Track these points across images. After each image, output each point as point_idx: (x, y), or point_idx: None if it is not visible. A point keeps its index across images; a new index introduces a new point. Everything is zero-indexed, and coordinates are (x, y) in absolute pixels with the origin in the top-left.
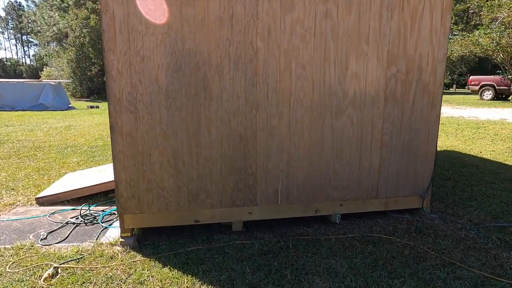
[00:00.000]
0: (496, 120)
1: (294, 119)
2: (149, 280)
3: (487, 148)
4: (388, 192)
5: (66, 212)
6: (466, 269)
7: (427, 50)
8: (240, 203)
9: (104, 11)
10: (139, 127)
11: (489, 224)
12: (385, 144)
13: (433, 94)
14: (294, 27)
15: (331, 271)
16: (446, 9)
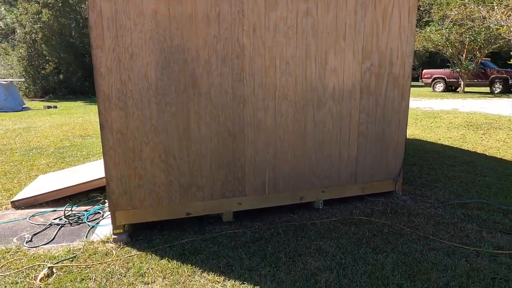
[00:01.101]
0: (449, 110)
1: (279, 113)
2: (149, 272)
3: (444, 135)
4: (365, 177)
5: (46, 214)
6: (438, 241)
7: (397, 46)
8: (230, 194)
9: (91, 7)
10: (129, 124)
11: (453, 202)
12: (361, 134)
13: (402, 86)
14: (278, 24)
15: (321, 251)
16: (412, 9)
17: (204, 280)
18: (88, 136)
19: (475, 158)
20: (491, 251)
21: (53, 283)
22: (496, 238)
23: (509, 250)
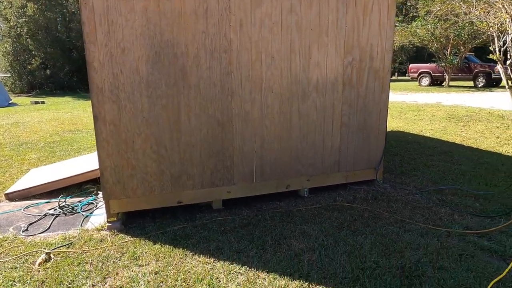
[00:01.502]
0: (432, 103)
1: (266, 105)
2: (143, 255)
3: (426, 127)
4: (348, 166)
5: (41, 205)
6: (413, 224)
7: (377, 41)
8: (219, 183)
9: (84, 4)
10: (122, 116)
11: (430, 188)
12: (344, 124)
13: (382, 79)
14: (263, 20)
15: (305, 235)
16: (391, 6)
17: (195, 262)
18: (78, 131)
19: (453, 148)
20: (461, 231)
21: (52, 267)
22: (466, 220)
23: (477, 230)
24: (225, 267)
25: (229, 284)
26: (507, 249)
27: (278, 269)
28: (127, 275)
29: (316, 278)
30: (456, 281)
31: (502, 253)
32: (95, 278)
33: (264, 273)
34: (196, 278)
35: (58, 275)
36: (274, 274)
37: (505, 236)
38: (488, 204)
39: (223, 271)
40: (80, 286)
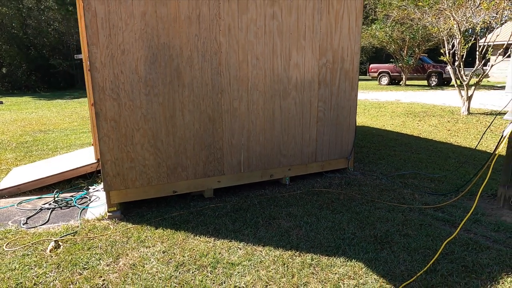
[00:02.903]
0: (392, 101)
1: (252, 101)
2: (148, 239)
3: (387, 122)
4: (324, 157)
5: (33, 201)
6: (382, 203)
7: (347, 45)
8: (210, 173)
9: (87, 8)
10: (122, 113)
11: (393, 174)
12: (320, 119)
13: (352, 78)
14: (249, 25)
15: (291, 215)
16: (358, 13)
17: (197, 242)
18: (49, 131)
19: (411, 140)
20: (420, 207)
21: (63, 252)
22: (424, 198)
23: (433, 205)
24: (225, 244)
25: (231, 257)
26: (456, 219)
27: (272, 243)
28: (137, 255)
29: (305, 247)
30: (418, 244)
31: (452, 221)
32: (108, 259)
33: (260, 246)
34: (201, 254)
35: (72, 258)
36: (269, 247)
37: (454, 209)
38: (441, 185)
39: (223, 247)
40: (95, 266)
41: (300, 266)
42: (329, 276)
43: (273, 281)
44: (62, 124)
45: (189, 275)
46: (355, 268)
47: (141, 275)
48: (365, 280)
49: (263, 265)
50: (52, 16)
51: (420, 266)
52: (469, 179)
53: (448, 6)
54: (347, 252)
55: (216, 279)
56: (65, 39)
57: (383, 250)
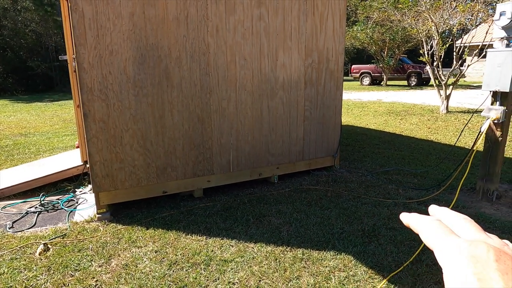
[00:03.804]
0: (374, 100)
1: (240, 101)
2: (139, 239)
3: (370, 121)
4: (311, 155)
5: (18, 205)
6: (368, 198)
7: (332, 45)
8: (200, 173)
9: (74, 9)
10: (110, 113)
11: (378, 170)
12: (306, 118)
13: (337, 78)
14: (237, 26)
15: (281, 212)
16: (342, 15)
17: (189, 240)
18: (30, 134)
19: (394, 138)
20: (405, 201)
21: (53, 255)
22: (408, 193)
23: (417, 199)
24: (217, 242)
25: (224, 254)
26: None
27: (263, 239)
28: (129, 255)
29: (296, 243)
30: (403, 237)
31: None
32: (100, 260)
33: (252, 243)
34: (194, 252)
35: (62, 261)
36: (261, 243)
37: (437, 202)
38: (423, 180)
39: (216, 245)
40: (86, 268)
41: (292, 260)
42: (320, 269)
43: (266, 276)
44: (43, 127)
45: (183, 273)
46: (344, 261)
47: (134, 275)
48: (354, 272)
49: (256, 261)
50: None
51: (406, 257)
52: (449, 174)
53: (426, 8)
54: (337, 246)
55: (210, 276)
56: (44, 41)
57: (371, 243)
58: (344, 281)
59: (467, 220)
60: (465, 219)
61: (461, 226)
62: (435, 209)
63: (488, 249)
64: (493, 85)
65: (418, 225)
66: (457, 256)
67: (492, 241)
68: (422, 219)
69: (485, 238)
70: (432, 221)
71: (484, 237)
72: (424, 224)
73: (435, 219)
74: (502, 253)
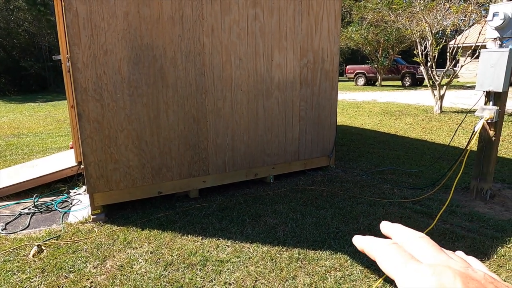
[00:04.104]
0: (369, 101)
1: (235, 101)
2: (135, 240)
3: (365, 121)
4: (306, 155)
5: (11, 206)
6: (363, 198)
7: (327, 46)
8: (195, 173)
9: (68, 8)
10: (105, 114)
11: (373, 170)
12: (302, 118)
13: (332, 78)
14: (232, 26)
15: (277, 212)
16: (337, 15)
17: (184, 241)
18: (23, 135)
19: (389, 138)
20: (400, 200)
21: (47, 257)
22: (403, 192)
23: (412, 199)
24: (213, 242)
25: (220, 255)
26: (433, 211)
27: (259, 239)
28: (124, 257)
29: (292, 243)
30: None
31: (430, 213)
32: (94, 262)
33: (248, 243)
34: (190, 253)
35: (56, 262)
36: (257, 244)
37: (431, 202)
38: (418, 179)
39: (212, 245)
40: (81, 269)
41: (288, 260)
42: (316, 269)
43: (262, 276)
44: (37, 128)
45: (179, 273)
46: (340, 260)
47: (129, 276)
48: (350, 271)
49: (252, 261)
50: (22, 17)
51: None
52: (444, 173)
53: (420, 9)
54: (333, 245)
55: (206, 276)
56: (37, 40)
57: None
58: (340, 280)
59: (424, 239)
60: (421, 238)
61: (419, 246)
62: (387, 226)
63: (454, 276)
64: (487, 85)
65: (373, 251)
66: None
67: (455, 263)
68: (377, 244)
69: (447, 260)
70: (388, 246)
71: (445, 258)
72: (380, 250)
73: (390, 243)
74: (469, 279)
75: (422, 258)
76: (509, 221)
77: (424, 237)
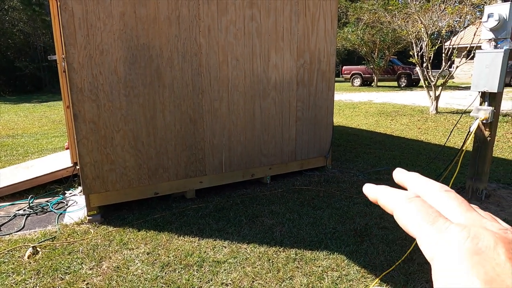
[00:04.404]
0: (365, 101)
1: (232, 102)
2: (131, 241)
3: (362, 122)
4: (303, 155)
5: (5, 208)
6: (359, 198)
7: (324, 46)
8: (192, 174)
9: (64, 8)
10: (101, 114)
11: (369, 171)
12: (299, 118)
13: (329, 79)
14: (229, 26)
15: (274, 213)
16: (334, 16)
17: (181, 242)
18: (18, 136)
19: (385, 138)
20: None
21: (42, 258)
22: None
23: None
24: (210, 243)
25: (217, 255)
26: None
27: (256, 240)
28: (120, 258)
29: (289, 243)
30: (395, 236)
31: None
32: (90, 263)
33: (245, 244)
34: (186, 254)
35: (52, 264)
36: (254, 244)
37: None
38: None
39: (208, 246)
40: (77, 271)
41: (285, 261)
42: (313, 269)
43: (259, 276)
44: (32, 129)
45: (176, 274)
46: (337, 261)
47: (126, 277)
48: (347, 271)
49: (249, 261)
50: (17, 17)
51: (398, 256)
52: (439, 173)
53: (416, 10)
54: (329, 246)
55: (203, 277)
56: (32, 41)
57: (363, 242)
58: (337, 280)
59: (450, 194)
60: (447, 192)
61: (444, 201)
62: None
63: (495, 241)
64: (482, 86)
65: (390, 203)
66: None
67: (491, 224)
68: (395, 196)
69: (480, 220)
70: (409, 199)
71: (478, 218)
72: (399, 203)
73: (412, 196)
74: None
75: (450, 215)
76: (505, 221)
77: (450, 191)
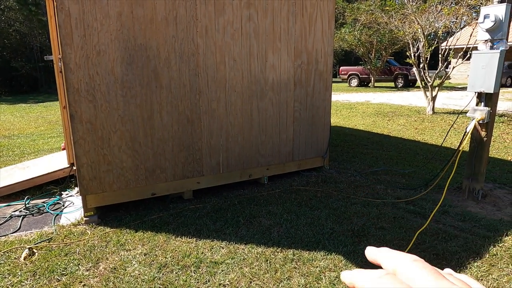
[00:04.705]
0: (362, 102)
1: (230, 102)
2: (128, 242)
3: (359, 122)
4: (300, 155)
5: (1, 209)
6: (357, 198)
7: (321, 47)
8: (189, 175)
9: (60, 8)
10: (98, 115)
11: (367, 171)
12: (296, 119)
13: (326, 79)
14: (226, 27)
15: (271, 213)
16: (331, 17)
17: (178, 243)
18: (14, 136)
19: (382, 138)
20: (393, 201)
21: (38, 259)
22: (396, 192)
23: (405, 199)
24: (207, 243)
25: (214, 256)
26: (426, 211)
27: (253, 241)
28: (117, 259)
29: (286, 244)
30: (392, 236)
31: (423, 213)
32: (87, 264)
33: (242, 245)
34: (184, 254)
35: (48, 265)
36: (251, 245)
37: (424, 202)
38: (411, 180)
39: (206, 247)
40: (73, 272)
41: (283, 261)
42: (311, 270)
43: (257, 277)
44: (28, 129)
45: (173, 275)
46: (335, 261)
47: (123, 278)
48: None
49: (246, 262)
50: (13, 17)
51: None
52: (436, 173)
53: (413, 11)
54: (327, 246)
55: (201, 278)
56: (28, 41)
57: (361, 242)
58: (334, 281)
59: (419, 263)
60: (416, 262)
61: (415, 272)
62: (374, 252)
63: None
64: (478, 86)
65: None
66: None
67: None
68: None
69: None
70: (380, 279)
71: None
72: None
73: (382, 274)
74: None
75: (422, 284)
76: (501, 220)
77: (418, 261)
